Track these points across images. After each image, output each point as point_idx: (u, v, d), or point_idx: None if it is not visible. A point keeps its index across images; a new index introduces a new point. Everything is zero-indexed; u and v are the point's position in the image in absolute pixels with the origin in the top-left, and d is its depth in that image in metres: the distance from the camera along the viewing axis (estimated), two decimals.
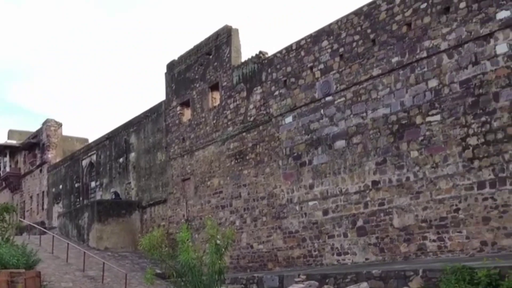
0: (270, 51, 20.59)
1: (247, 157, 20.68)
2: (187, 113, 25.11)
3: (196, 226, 22.83)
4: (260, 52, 20.95)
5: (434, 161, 14.23)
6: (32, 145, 42.18)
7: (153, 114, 27.63)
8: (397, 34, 15.61)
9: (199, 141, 23.61)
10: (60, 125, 40.79)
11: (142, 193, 28.08)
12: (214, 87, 23.28)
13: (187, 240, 17.92)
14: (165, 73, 26.80)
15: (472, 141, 13.45)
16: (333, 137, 17.12)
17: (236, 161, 21.26)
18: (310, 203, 17.60)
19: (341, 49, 17.27)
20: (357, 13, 16.92)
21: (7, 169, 44.92)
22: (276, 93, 19.61)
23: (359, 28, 16.80)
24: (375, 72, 16.08)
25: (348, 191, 16.36)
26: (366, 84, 16.34)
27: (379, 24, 16.17)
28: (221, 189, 21.96)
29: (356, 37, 16.84)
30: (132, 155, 29.26)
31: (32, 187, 42.42)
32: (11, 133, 46.08)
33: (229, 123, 21.89)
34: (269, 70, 20.09)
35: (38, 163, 41.05)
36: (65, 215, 31.10)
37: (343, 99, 17.00)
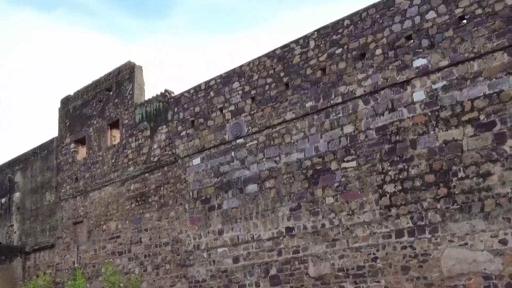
0: (177, 91, 19.46)
1: (150, 200, 19.11)
2: (82, 151, 23.08)
3: (89, 274, 20.66)
4: (166, 90, 19.74)
5: (350, 208, 13.70)
6: None
7: (43, 151, 25.19)
8: (311, 78, 15.17)
9: (95, 181, 21.65)
10: None
11: (26, 237, 25.23)
12: (114, 124, 21.60)
13: None
14: (59, 109, 24.65)
15: (389, 188, 13.09)
16: (245, 180, 16.17)
17: (137, 204, 19.59)
18: (219, 250, 16.36)
19: (253, 92, 16.56)
20: (270, 55, 16.37)
21: None
22: (183, 133, 18.42)
23: (272, 71, 16.21)
24: (289, 116, 15.48)
25: (260, 238, 15.37)
26: (279, 127, 15.67)
27: (292, 68, 15.68)
28: (119, 234, 20.08)
29: (269, 80, 16.22)
30: (17, 195, 26.37)
31: None
32: None
33: (130, 162, 20.26)
34: (176, 110, 18.91)
35: None
36: None
37: (255, 142, 16.19)
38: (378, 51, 13.89)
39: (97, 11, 58.43)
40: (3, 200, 27.13)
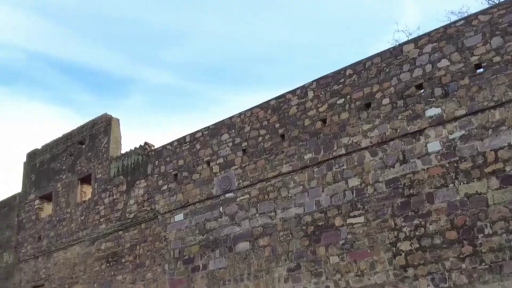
0: (158, 144, 17.51)
1: (123, 260, 16.61)
2: (48, 208, 20.48)
3: None
4: (146, 143, 17.76)
5: (359, 268, 11.79)
6: None
7: (4, 208, 22.32)
8: (310, 129, 13.63)
9: (61, 240, 18.97)
10: None
11: None
12: (86, 179, 19.28)
13: None
14: (24, 163, 22.15)
15: (404, 246, 11.32)
16: (235, 238, 14.09)
17: (108, 265, 17.01)
18: None
19: (245, 144, 14.85)
20: (263, 107, 14.83)
21: None
22: (164, 187, 16.32)
23: (265, 122, 14.62)
24: (285, 168, 13.75)
25: None
26: (274, 181, 13.88)
27: (289, 119, 14.14)
28: None
29: (262, 132, 14.59)
30: None
31: None
32: None
33: (101, 220, 17.83)
34: (157, 163, 16.90)
35: None
36: None
37: (247, 196, 14.28)
38: (385, 101, 12.55)
39: (53, 86, 55.45)
40: None
